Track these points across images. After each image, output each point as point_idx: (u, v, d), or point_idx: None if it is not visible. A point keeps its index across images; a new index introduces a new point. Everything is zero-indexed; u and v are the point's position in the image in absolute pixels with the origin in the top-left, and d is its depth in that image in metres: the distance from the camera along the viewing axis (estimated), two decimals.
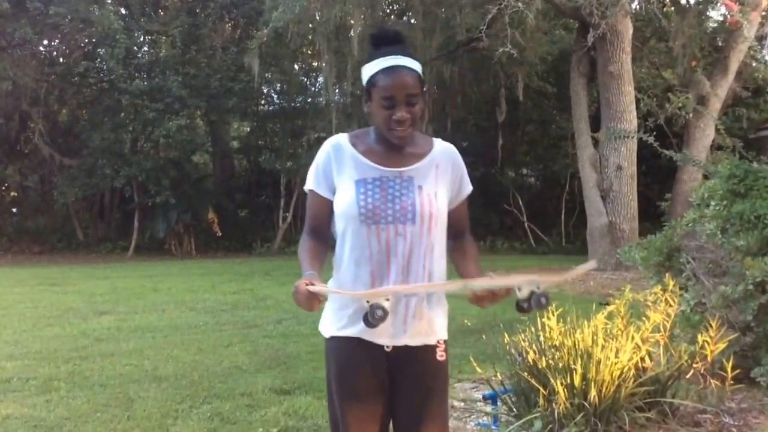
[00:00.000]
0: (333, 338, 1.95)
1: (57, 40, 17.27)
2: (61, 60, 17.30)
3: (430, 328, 1.94)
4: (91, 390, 4.65)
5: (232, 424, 3.95)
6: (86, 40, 16.93)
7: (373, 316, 1.73)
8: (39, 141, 16.57)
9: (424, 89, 1.94)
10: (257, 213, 20.45)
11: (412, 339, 1.92)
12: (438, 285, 1.88)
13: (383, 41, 1.94)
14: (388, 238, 1.87)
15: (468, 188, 2.04)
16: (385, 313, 1.73)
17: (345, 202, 1.90)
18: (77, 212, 18.16)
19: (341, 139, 1.98)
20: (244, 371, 5.17)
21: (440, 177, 1.96)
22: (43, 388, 4.68)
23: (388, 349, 1.91)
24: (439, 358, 1.96)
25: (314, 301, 1.77)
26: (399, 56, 1.90)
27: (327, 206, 1.96)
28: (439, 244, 1.93)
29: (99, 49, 16.74)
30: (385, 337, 1.90)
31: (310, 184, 1.97)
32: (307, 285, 1.76)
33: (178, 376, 5.03)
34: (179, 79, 15.87)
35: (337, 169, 1.93)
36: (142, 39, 17.65)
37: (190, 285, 10.56)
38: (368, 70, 1.93)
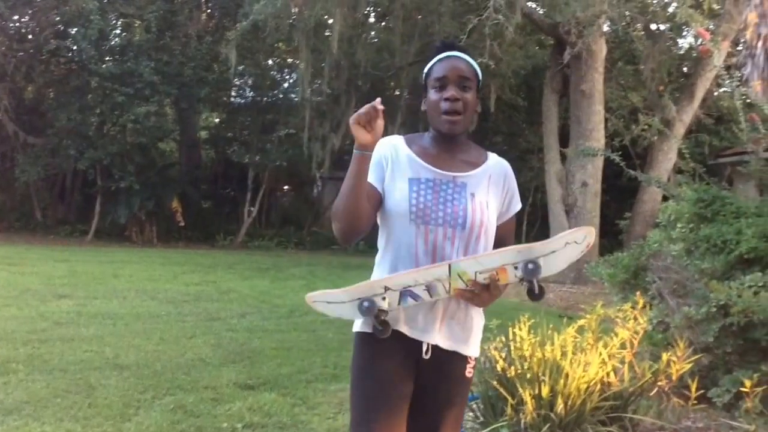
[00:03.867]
0: (369, 333, 1.90)
1: (28, 17, 16.84)
2: (30, 37, 16.86)
3: (464, 335, 1.93)
4: (50, 374, 4.56)
5: (196, 417, 3.91)
6: (58, 19, 16.55)
7: (360, 308, 1.77)
8: (3, 117, 16.13)
9: (479, 86, 1.95)
10: (222, 205, 20.28)
11: (444, 341, 1.90)
12: (436, 265, 1.80)
13: (447, 49, 1.98)
14: (435, 240, 1.85)
15: (517, 205, 2.03)
16: (372, 305, 1.75)
17: (396, 198, 1.88)
18: (37, 192, 17.74)
19: (397, 139, 1.99)
20: (208, 364, 5.13)
21: (492, 189, 1.96)
22: (1, 370, 4.57)
23: (426, 356, 1.89)
24: (467, 374, 1.96)
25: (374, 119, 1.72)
26: (457, 52, 1.95)
27: (373, 192, 1.90)
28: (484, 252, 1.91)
29: (71, 29, 16.39)
30: (417, 330, 1.88)
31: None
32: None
33: (140, 365, 4.97)
34: (151, 65, 15.65)
35: (391, 167, 1.92)
36: (115, 21, 17.34)
37: (152, 273, 10.42)
38: (426, 67, 1.97)
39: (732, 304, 3.77)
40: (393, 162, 1.93)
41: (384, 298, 1.80)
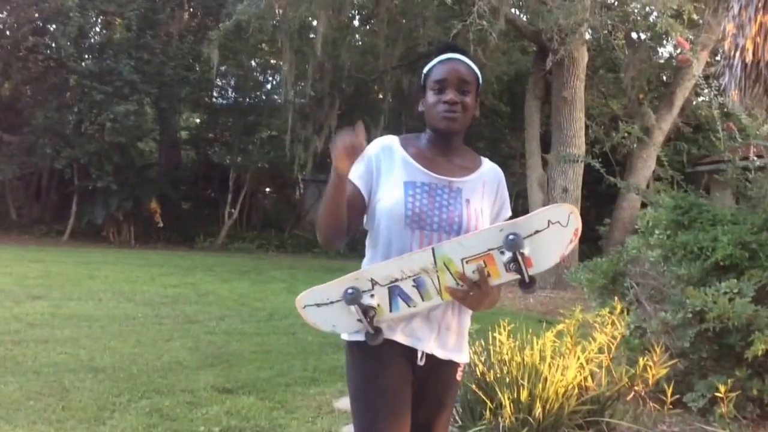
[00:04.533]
0: (364, 342, 1.87)
1: (6, 12, 16.62)
2: (8, 33, 16.64)
3: (458, 344, 1.93)
4: (23, 376, 4.49)
5: (172, 421, 3.87)
6: (37, 15, 16.35)
7: (345, 295, 1.76)
8: None
9: (479, 90, 1.93)
10: (202, 206, 20.11)
11: (439, 350, 1.89)
12: (419, 251, 1.78)
13: (448, 50, 1.95)
14: (430, 245, 1.82)
15: (507, 212, 1.99)
16: (357, 292, 1.75)
17: (391, 201, 1.85)
18: (12, 191, 17.51)
19: (391, 140, 1.96)
20: (185, 367, 5.08)
21: (486, 195, 1.94)
22: None
23: (421, 363, 1.88)
24: (458, 377, 1.99)
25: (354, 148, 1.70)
26: (458, 54, 1.92)
27: (357, 199, 1.88)
28: None
29: (50, 25, 16.22)
30: (413, 338, 1.86)
31: (349, 174, 1.88)
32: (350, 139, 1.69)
33: (116, 368, 4.91)
34: (132, 63, 15.51)
35: (384, 170, 1.89)
36: (95, 19, 17.17)
37: (129, 275, 10.31)
38: (426, 68, 1.94)
39: (708, 310, 3.80)
40: (385, 165, 1.91)
41: (372, 295, 1.78)
